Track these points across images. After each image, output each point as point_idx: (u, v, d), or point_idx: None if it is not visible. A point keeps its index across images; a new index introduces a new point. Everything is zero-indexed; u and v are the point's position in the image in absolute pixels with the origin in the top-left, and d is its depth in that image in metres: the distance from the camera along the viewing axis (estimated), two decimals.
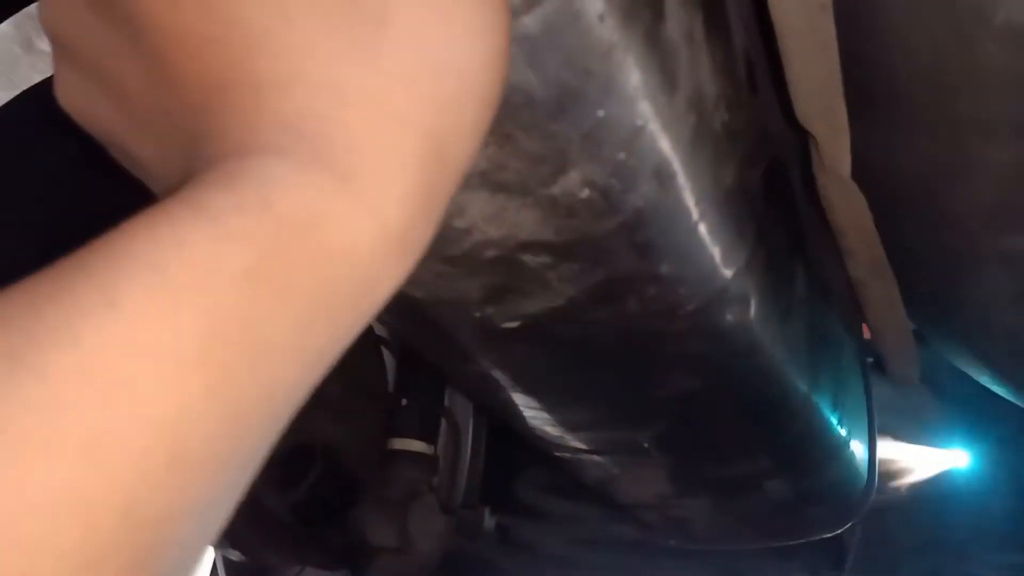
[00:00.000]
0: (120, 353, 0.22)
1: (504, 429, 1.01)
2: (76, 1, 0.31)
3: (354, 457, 1.10)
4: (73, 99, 0.35)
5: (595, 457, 0.82)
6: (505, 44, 0.30)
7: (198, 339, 0.23)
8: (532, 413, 0.72)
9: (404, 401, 1.14)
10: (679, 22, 0.46)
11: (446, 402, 1.24)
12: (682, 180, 0.51)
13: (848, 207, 0.65)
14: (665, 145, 0.48)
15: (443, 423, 1.23)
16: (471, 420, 1.36)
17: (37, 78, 1.27)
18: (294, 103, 0.28)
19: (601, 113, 0.44)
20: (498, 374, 0.65)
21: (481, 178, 0.45)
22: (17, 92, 1.22)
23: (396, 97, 0.28)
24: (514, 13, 0.37)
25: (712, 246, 0.57)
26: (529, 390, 0.68)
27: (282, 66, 0.27)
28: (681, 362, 0.66)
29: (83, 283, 0.23)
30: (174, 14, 0.28)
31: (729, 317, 0.63)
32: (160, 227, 0.25)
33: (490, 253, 0.50)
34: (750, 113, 0.59)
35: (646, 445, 0.77)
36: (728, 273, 0.60)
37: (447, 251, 0.49)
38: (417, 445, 1.11)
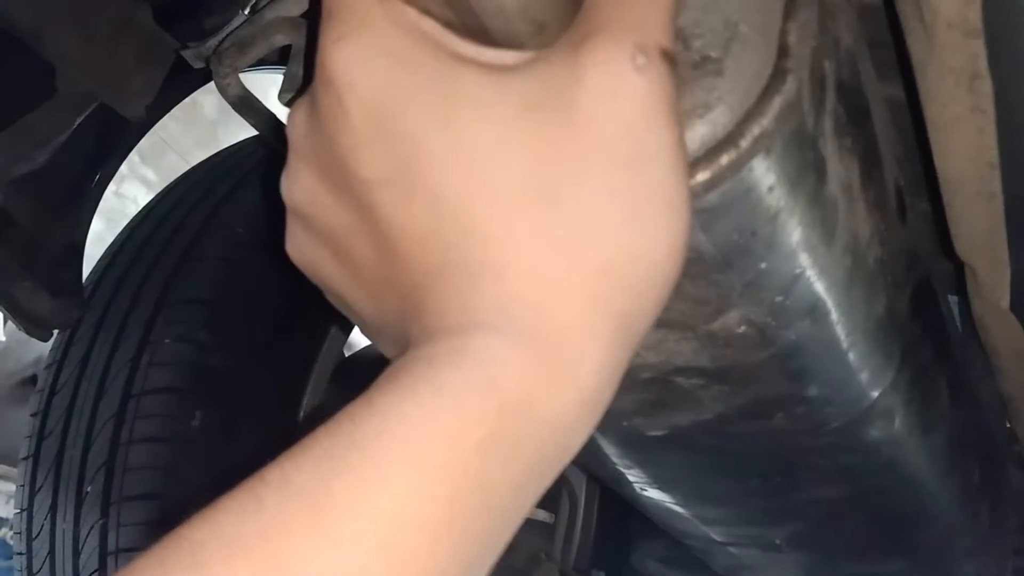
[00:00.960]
0: (388, 523, 0.28)
1: (620, 500, 1.04)
2: (317, 183, 0.37)
3: None
4: (301, 255, 0.41)
5: (726, 548, 0.85)
6: (686, 239, 0.34)
7: (445, 508, 0.29)
8: (666, 507, 0.76)
9: None
10: (839, 178, 0.51)
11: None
12: (835, 316, 0.54)
13: (1004, 332, 0.66)
14: (821, 288, 0.52)
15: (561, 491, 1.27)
16: (584, 487, 1.39)
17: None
18: (508, 287, 0.33)
19: (763, 265, 0.48)
20: (636, 474, 0.70)
21: None
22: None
23: (595, 283, 0.33)
24: (695, 194, 0.42)
25: (860, 371, 0.60)
26: (666, 488, 0.72)
27: (497, 256, 0.32)
28: (824, 471, 0.69)
29: (356, 456, 0.30)
30: (406, 210, 0.34)
31: (874, 432, 0.65)
32: (407, 405, 0.31)
33: (646, 375, 0.55)
34: (900, 242, 0.62)
35: (778, 542, 0.80)
36: (875, 393, 0.62)
37: None
38: (539, 513, 1.16)
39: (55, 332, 1.04)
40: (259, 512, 0.28)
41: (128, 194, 4.48)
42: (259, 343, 1.03)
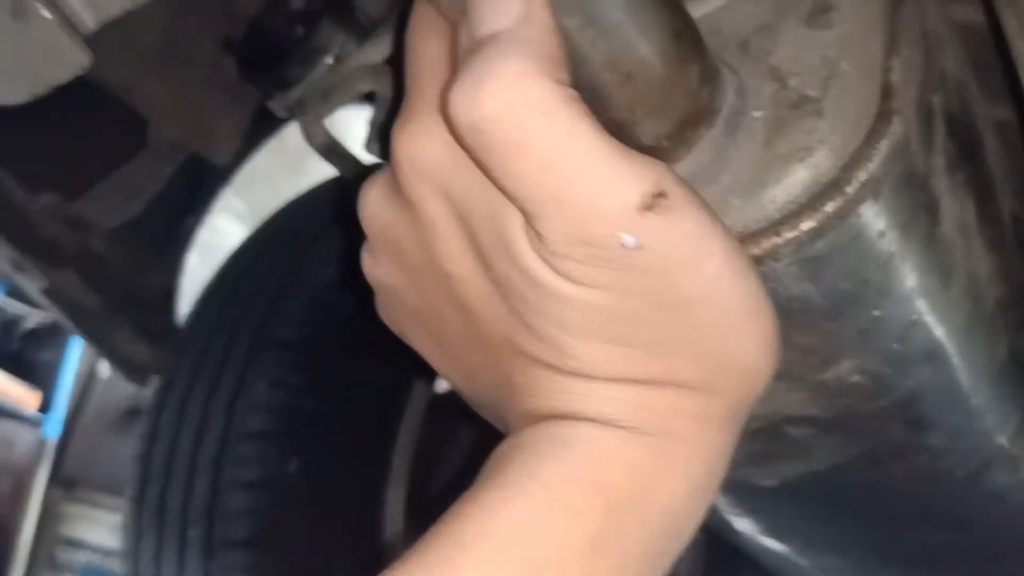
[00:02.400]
0: None
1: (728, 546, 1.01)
2: (400, 267, 0.37)
3: None
4: (395, 326, 0.41)
5: None
6: (778, 347, 0.33)
7: None
8: (780, 555, 0.73)
9: None
10: (953, 218, 0.47)
11: None
12: (955, 361, 0.51)
13: None
14: (940, 333, 0.48)
15: None
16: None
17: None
18: (612, 385, 0.32)
19: (876, 313, 0.45)
20: (748, 523, 0.66)
21: None
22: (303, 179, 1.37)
23: (695, 376, 0.32)
24: (800, 244, 0.39)
25: (984, 416, 0.55)
26: (780, 537, 0.69)
27: (601, 359, 0.31)
28: (945, 519, 0.64)
29: (462, 557, 0.29)
30: (497, 304, 0.33)
31: (999, 479, 0.61)
32: (513, 504, 0.30)
33: (756, 425, 0.52)
34: (1021, 278, 0.58)
35: None
36: (1001, 439, 0.58)
37: None
38: None
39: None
40: None
41: (220, 226, 4.65)
42: (351, 384, 1.04)
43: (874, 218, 0.41)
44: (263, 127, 1.12)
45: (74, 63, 0.49)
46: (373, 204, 0.36)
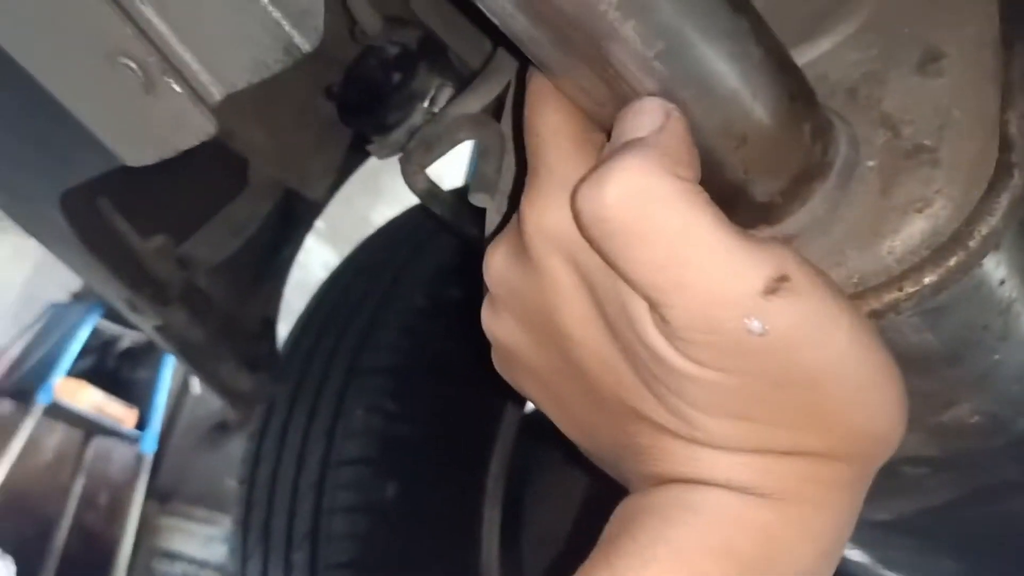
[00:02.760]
0: None
1: None
2: (521, 326, 0.38)
3: None
4: (512, 380, 0.42)
5: None
6: (906, 409, 0.34)
7: None
8: None
9: None
10: None
11: None
12: None
13: None
14: None
15: None
16: None
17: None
18: (724, 455, 0.32)
19: (996, 357, 0.45)
20: (859, 555, 0.66)
21: None
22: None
23: (827, 449, 0.32)
24: (923, 298, 0.39)
25: None
26: (894, 568, 0.68)
27: (723, 425, 0.32)
28: None
29: None
30: (620, 369, 0.34)
31: None
32: (647, 571, 0.31)
33: None
34: None
35: None
36: None
37: None
38: None
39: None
40: None
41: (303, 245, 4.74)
42: (444, 408, 1.06)
43: (995, 268, 0.41)
44: (353, 159, 1.16)
45: (201, 131, 0.52)
46: (499, 265, 0.38)
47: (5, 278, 3.69)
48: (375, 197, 3.58)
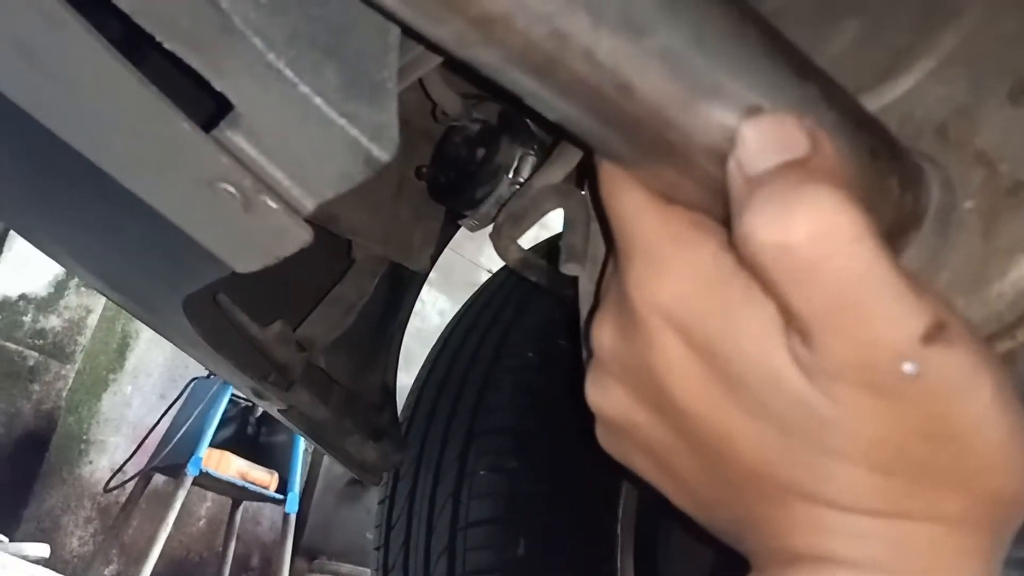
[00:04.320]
0: None
1: None
2: (630, 401, 0.38)
3: None
4: (622, 457, 0.42)
5: None
6: None
7: None
8: None
9: None
10: None
11: None
12: None
13: None
14: None
15: None
16: None
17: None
18: (858, 523, 0.31)
19: None
20: None
21: None
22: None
23: (962, 512, 0.31)
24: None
25: None
26: None
27: (844, 495, 0.31)
28: None
29: None
30: (739, 438, 0.34)
31: None
32: None
33: None
34: None
35: None
36: None
37: None
38: None
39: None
40: None
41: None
42: (565, 462, 1.06)
43: None
44: (452, 227, 1.19)
45: (298, 239, 0.54)
46: (608, 339, 0.38)
47: (150, 359, 3.94)
48: (483, 242, 3.64)
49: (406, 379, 1.23)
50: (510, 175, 0.75)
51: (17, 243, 3.54)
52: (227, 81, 0.48)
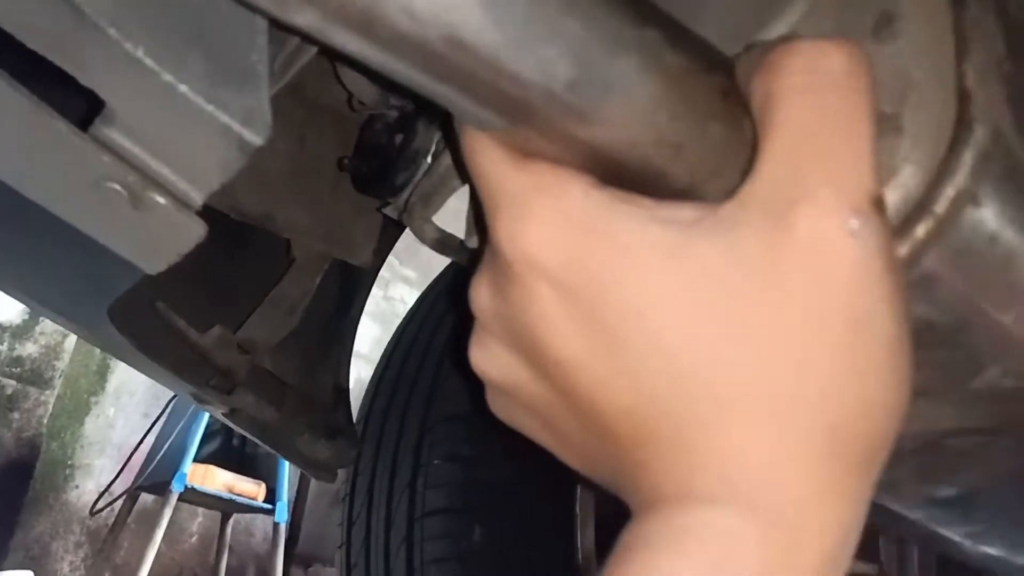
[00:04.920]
0: None
1: None
2: (512, 361, 0.37)
3: None
4: (509, 419, 0.41)
5: None
6: (910, 379, 0.32)
7: None
8: (1002, 560, 0.67)
9: None
10: None
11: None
12: None
13: None
14: None
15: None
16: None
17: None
18: (728, 455, 0.31)
19: (1010, 316, 0.42)
20: (944, 532, 0.62)
21: None
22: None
23: (823, 442, 0.31)
24: (904, 268, 0.37)
25: None
26: (988, 542, 0.64)
27: (712, 425, 0.31)
28: None
29: None
30: (609, 388, 0.33)
31: None
32: None
33: (910, 446, 0.49)
34: None
35: None
36: None
37: None
38: (859, 567, 1.07)
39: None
40: None
41: (395, 295, 4.87)
42: (519, 447, 1.05)
43: (979, 225, 0.38)
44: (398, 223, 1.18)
45: (194, 234, 0.54)
46: (486, 298, 0.37)
47: (132, 379, 3.92)
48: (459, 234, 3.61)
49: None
50: (428, 159, 0.74)
51: None
52: (92, 76, 0.48)
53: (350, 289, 1.28)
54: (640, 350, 0.32)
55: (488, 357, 0.39)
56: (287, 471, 3.48)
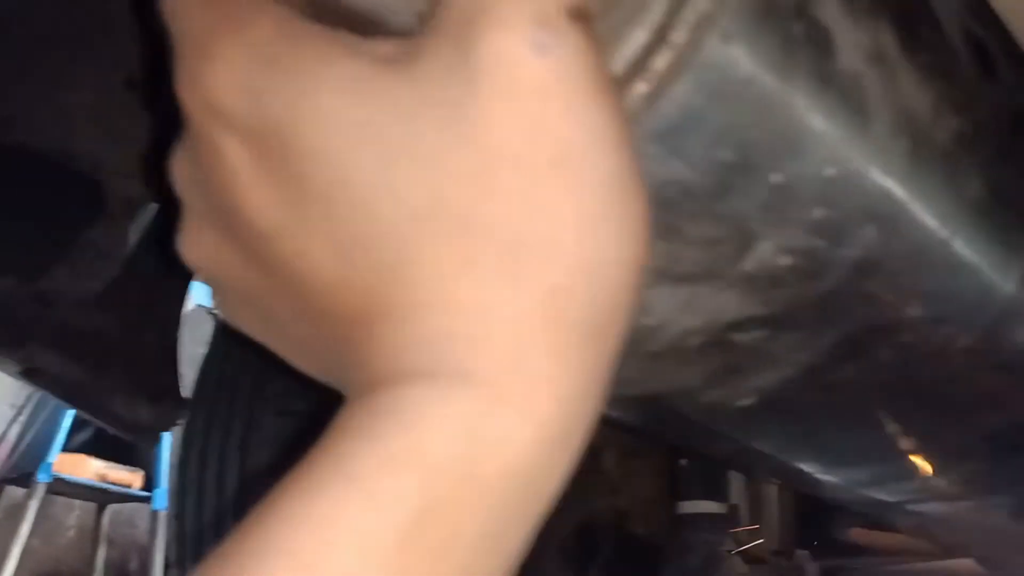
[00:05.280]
0: None
1: None
2: (218, 242, 0.31)
3: (643, 524, 1.07)
4: (232, 318, 0.36)
5: (904, 507, 0.72)
6: (646, 221, 0.27)
7: None
8: (813, 478, 0.65)
9: (683, 462, 1.09)
10: (860, 47, 0.39)
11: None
12: (910, 214, 0.43)
13: None
14: (872, 184, 0.40)
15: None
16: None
17: None
18: (435, 327, 0.26)
19: (777, 178, 0.38)
20: (758, 445, 0.59)
21: (658, 274, 0.41)
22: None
23: (542, 301, 0.26)
24: (639, 114, 0.33)
25: (973, 270, 0.47)
26: (798, 456, 0.61)
27: (417, 296, 0.26)
28: (973, 401, 0.56)
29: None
30: (309, 259, 0.28)
31: (1020, 336, 0.52)
32: (317, 506, 0.24)
33: (695, 341, 0.45)
34: (991, 102, 0.49)
35: (957, 490, 0.66)
36: (1006, 288, 0.49)
37: (647, 347, 0.45)
38: (707, 506, 1.06)
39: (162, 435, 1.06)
40: None
41: None
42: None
43: (730, 64, 0.34)
44: None
45: None
46: (183, 171, 0.31)
47: None
48: None
49: None
50: None
51: None
52: None
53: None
54: (330, 200, 0.27)
55: (196, 243, 0.33)
56: (167, 456, 3.34)
